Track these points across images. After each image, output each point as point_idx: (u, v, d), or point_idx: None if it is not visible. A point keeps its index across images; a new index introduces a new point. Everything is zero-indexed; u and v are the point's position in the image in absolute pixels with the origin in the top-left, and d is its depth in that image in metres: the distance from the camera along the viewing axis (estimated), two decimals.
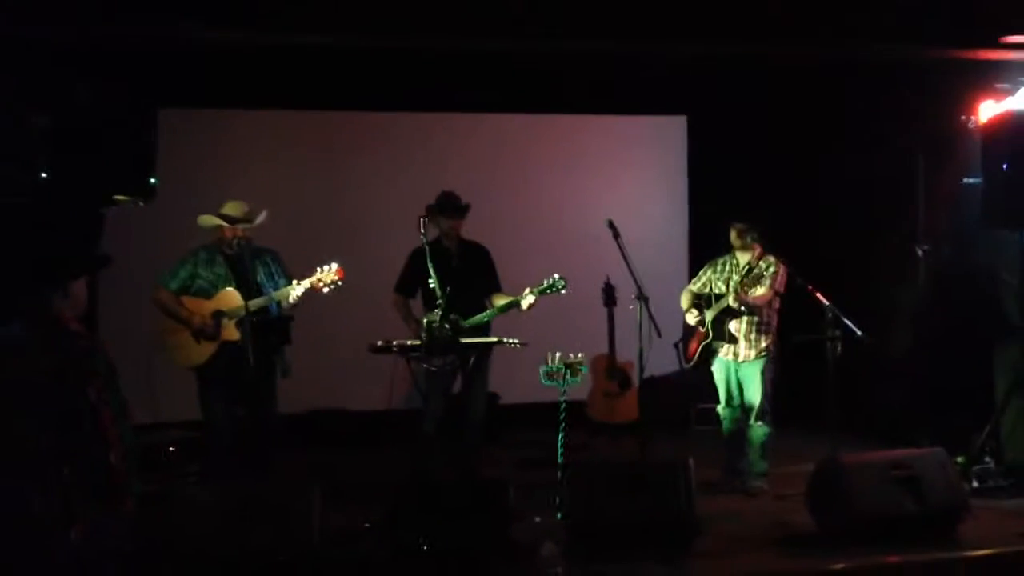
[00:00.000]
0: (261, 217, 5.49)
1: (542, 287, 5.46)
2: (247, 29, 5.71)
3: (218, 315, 5.32)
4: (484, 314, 5.61)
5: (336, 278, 5.37)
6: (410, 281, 5.80)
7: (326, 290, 5.37)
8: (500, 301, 5.60)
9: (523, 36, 5.92)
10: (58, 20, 5.28)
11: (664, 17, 5.64)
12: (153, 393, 4.99)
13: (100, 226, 5.01)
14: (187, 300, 5.37)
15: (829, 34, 5.89)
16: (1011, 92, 6.05)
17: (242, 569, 4.27)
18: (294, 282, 5.36)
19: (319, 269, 5.38)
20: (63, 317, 3.03)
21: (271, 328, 5.41)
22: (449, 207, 5.74)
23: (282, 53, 7.12)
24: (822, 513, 4.95)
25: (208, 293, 5.37)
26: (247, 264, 5.37)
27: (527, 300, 5.47)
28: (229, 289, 5.35)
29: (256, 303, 5.28)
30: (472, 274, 5.65)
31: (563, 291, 5.48)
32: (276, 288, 5.43)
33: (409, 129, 8.39)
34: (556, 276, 5.47)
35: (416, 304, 5.83)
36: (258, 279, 5.39)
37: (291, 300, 5.34)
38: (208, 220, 5.45)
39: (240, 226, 5.40)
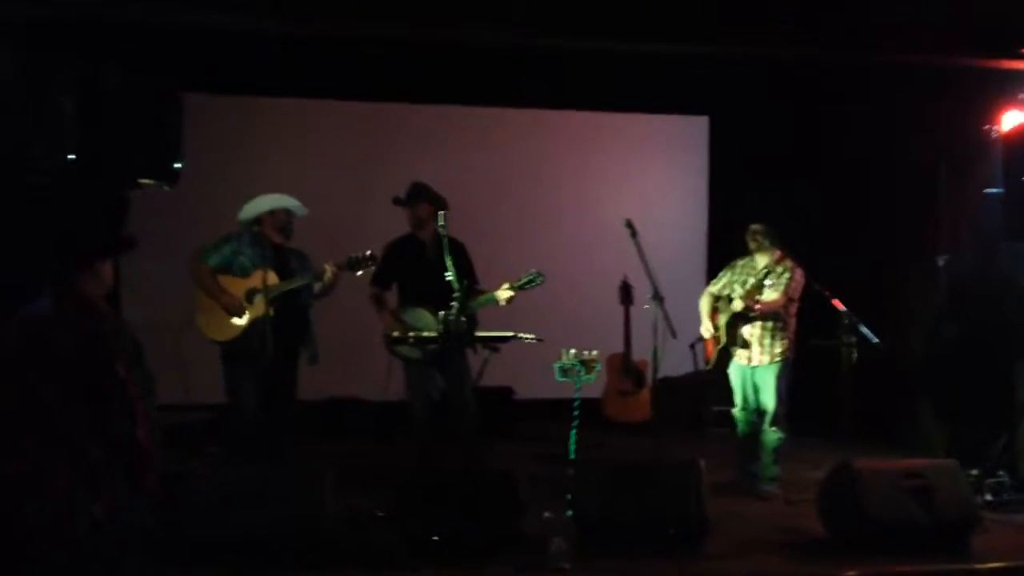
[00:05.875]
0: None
1: (521, 282, 5.49)
2: (275, 17, 5.74)
3: (251, 292, 5.34)
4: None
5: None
6: (386, 274, 5.79)
7: (359, 273, 5.46)
8: (477, 298, 5.54)
9: (547, 33, 5.92)
10: (88, 2, 5.33)
11: (689, 17, 5.65)
12: (173, 375, 5.01)
13: (126, 208, 5.06)
14: (222, 279, 5.37)
15: (855, 40, 5.88)
16: None
17: (253, 552, 4.30)
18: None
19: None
20: (90, 296, 3.07)
21: (293, 313, 5.44)
22: (400, 199, 5.72)
23: (308, 42, 7.16)
24: (832, 519, 4.95)
25: (247, 272, 5.36)
26: (287, 255, 5.44)
27: (504, 295, 5.48)
28: (268, 271, 5.32)
29: (294, 281, 5.34)
30: (445, 267, 5.41)
31: (541, 284, 5.52)
32: None
33: (433, 122, 8.43)
34: (534, 271, 5.51)
35: (391, 297, 5.83)
36: (291, 267, 5.45)
37: (325, 280, 5.39)
38: (269, 202, 5.44)
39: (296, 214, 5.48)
